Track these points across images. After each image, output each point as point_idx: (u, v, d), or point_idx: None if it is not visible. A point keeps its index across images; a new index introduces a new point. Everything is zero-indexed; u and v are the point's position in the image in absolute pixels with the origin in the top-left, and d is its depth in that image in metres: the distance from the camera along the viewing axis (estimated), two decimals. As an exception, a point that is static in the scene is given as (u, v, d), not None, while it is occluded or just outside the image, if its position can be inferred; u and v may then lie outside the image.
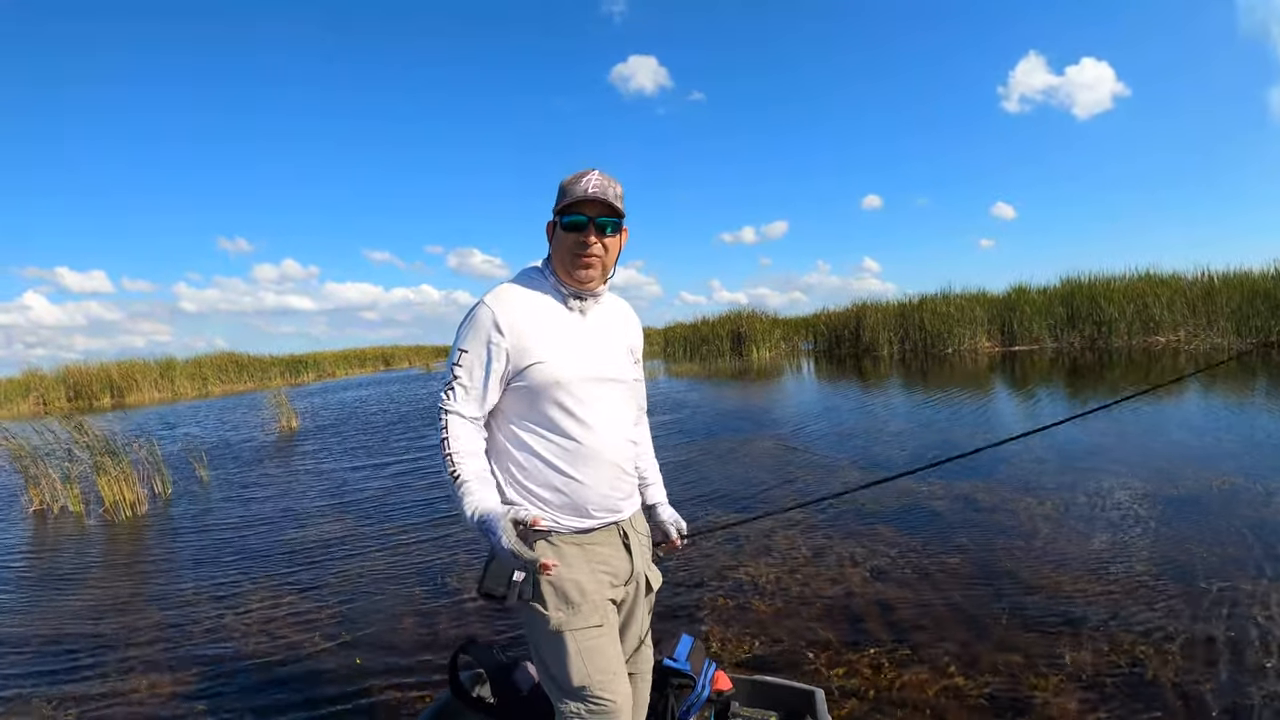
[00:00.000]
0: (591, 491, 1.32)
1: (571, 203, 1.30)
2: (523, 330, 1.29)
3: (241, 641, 3.04)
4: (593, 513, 1.34)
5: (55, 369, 22.81)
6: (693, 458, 6.33)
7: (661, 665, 1.80)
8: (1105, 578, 3.03)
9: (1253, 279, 15.35)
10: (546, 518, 1.29)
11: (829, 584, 3.20)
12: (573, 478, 1.31)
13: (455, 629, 3.01)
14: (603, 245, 1.33)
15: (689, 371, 17.60)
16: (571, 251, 1.32)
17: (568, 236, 1.32)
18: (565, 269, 1.35)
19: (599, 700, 1.29)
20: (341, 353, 35.76)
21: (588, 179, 1.30)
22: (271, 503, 5.86)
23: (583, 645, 1.28)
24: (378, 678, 2.62)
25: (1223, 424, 6.18)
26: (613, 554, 1.37)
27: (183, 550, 4.66)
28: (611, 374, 1.37)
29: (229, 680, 2.70)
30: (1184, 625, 2.55)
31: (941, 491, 4.56)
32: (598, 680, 1.28)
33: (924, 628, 2.70)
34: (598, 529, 1.35)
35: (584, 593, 1.30)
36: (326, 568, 4.00)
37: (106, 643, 3.16)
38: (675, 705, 1.79)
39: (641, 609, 1.48)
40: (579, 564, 1.31)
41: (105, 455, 6.10)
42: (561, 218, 1.32)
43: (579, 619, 1.28)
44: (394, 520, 4.92)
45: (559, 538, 1.32)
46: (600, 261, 1.34)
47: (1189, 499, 4.02)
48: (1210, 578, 2.93)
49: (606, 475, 1.34)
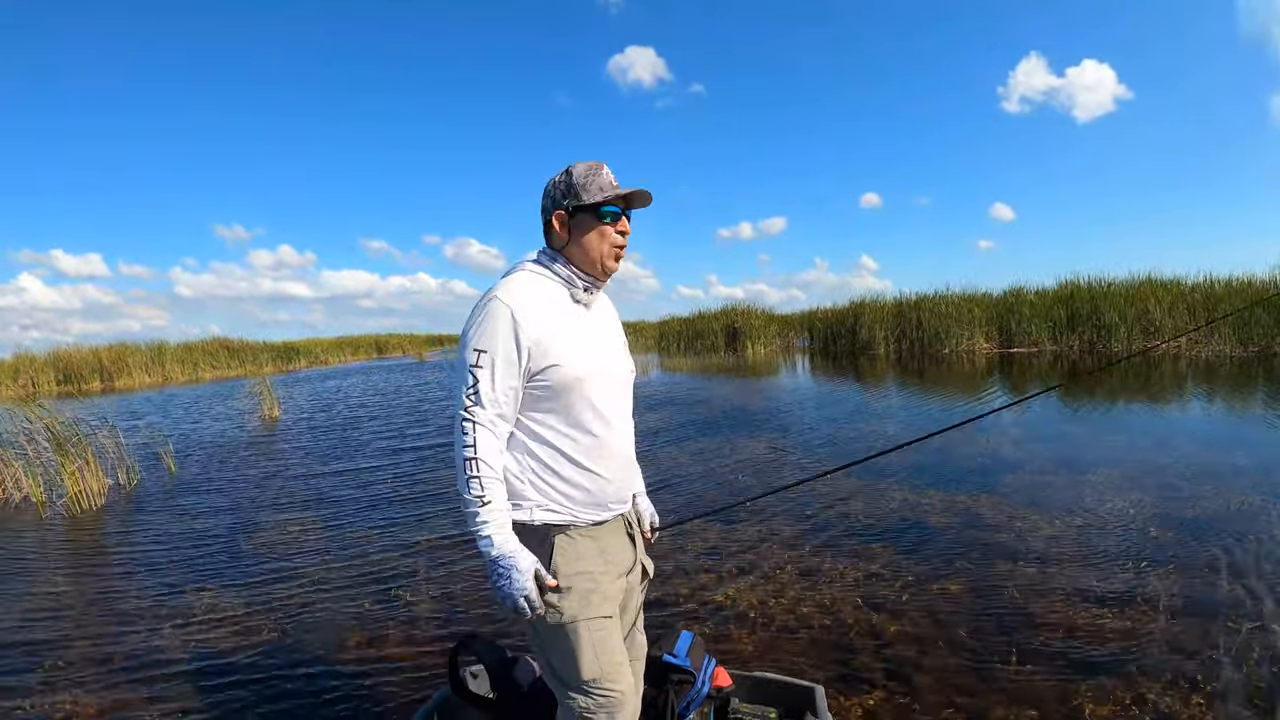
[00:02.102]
0: (611, 485, 1.35)
1: (613, 196, 1.31)
2: (541, 329, 1.27)
3: (179, 650, 2.74)
4: (610, 505, 1.36)
5: (45, 352, 22.28)
6: (658, 452, 6.04)
7: (661, 661, 1.81)
8: (1122, 612, 2.75)
9: (1255, 286, 15.20)
10: (566, 514, 1.31)
11: (818, 612, 2.91)
12: (596, 473, 1.32)
13: (448, 628, 2.74)
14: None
15: (681, 366, 17.29)
16: (613, 243, 1.33)
17: (608, 228, 1.33)
18: (595, 260, 1.34)
19: (608, 691, 1.29)
20: (335, 340, 35.40)
21: (607, 173, 1.33)
22: (237, 497, 5.53)
23: (595, 636, 1.28)
24: (364, 678, 2.34)
25: (1236, 437, 5.92)
26: (619, 544, 1.41)
27: (136, 547, 4.37)
28: (618, 368, 1.40)
29: (170, 692, 2.40)
30: (1209, 671, 2.27)
31: (941, 505, 4.27)
32: (607, 671, 1.29)
33: (923, 668, 2.41)
34: (609, 520, 1.38)
35: (597, 584, 1.31)
36: (286, 566, 3.73)
37: (37, 650, 2.92)
38: (675, 701, 1.78)
39: (637, 596, 1.52)
40: (591, 556, 1.33)
41: (68, 444, 5.86)
42: (600, 208, 1.31)
43: (591, 609, 1.29)
44: (359, 520, 4.62)
45: (576, 531, 1.32)
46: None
47: (1206, 521, 3.75)
48: (1237, 615, 2.66)
49: (622, 468, 1.38)
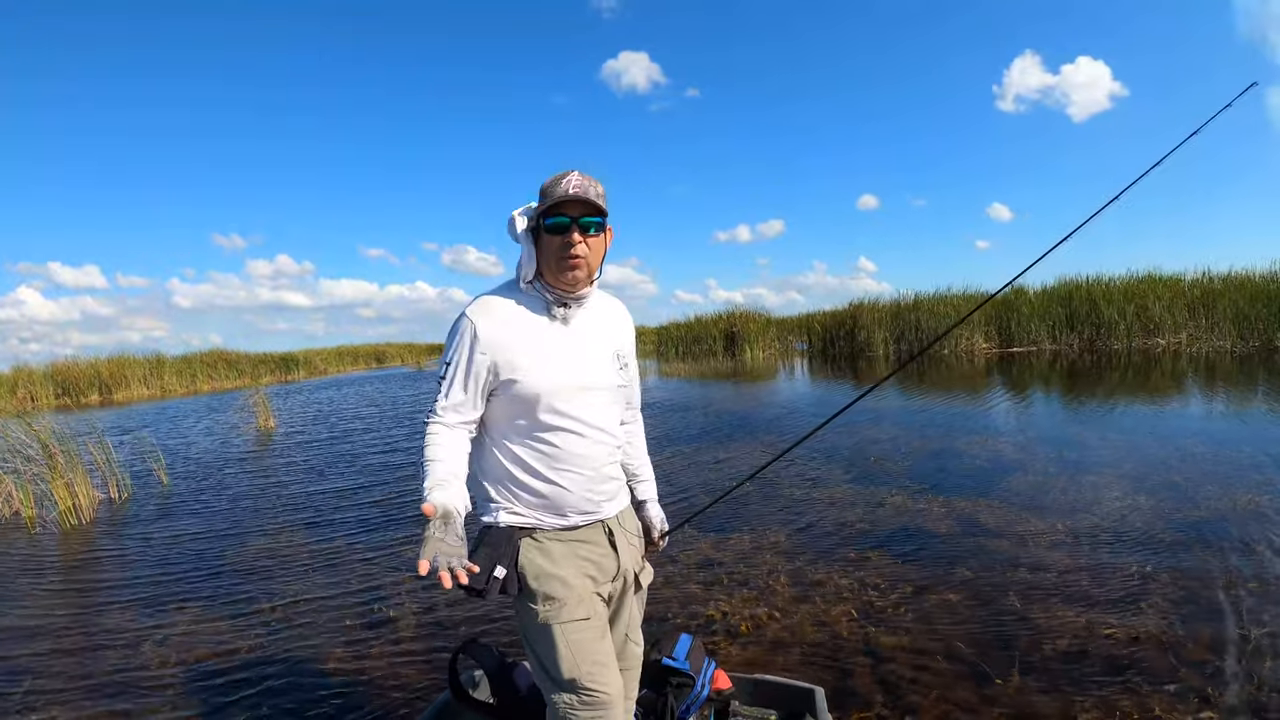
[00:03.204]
0: (570, 495, 1.34)
1: (553, 204, 1.28)
2: (503, 344, 1.29)
3: (159, 668, 2.63)
4: (570, 515, 1.35)
5: (44, 365, 22.18)
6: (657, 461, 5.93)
7: (660, 664, 1.80)
8: (1127, 621, 2.63)
9: (1254, 281, 15.14)
10: (530, 517, 1.34)
11: (811, 625, 2.79)
12: (553, 482, 1.33)
13: (440, 638, 2.63)
14: (587, 245, 1.31)
15: (678, 372, 17.18)
16: (557, 254, 1.30)
17: (553, 239, 1.30)
18: (552, 273, 1.32)
19: (590, 691, 1.28)
20: (334, 350, 35.35)
21: (568, 180, 1.29)
22: (227, 511, 5.43)
23: (571, 638, 1.28)
24: (352, 690, 2.21)
25: (1240, 435, 5.81)
26: (597, 551, 1.38)
27: (123, 563, 4.29)
28: (592, 382, 1.37)
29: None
30: (1219, 683, 2.16)
31: (940, 510, 4.16)
32: (587, 671, 1.28)
33: (922, 686, 2.29)
34: (582, 526, 1.37)
35: (569, 586, 1.31)
36: (273, 581, 3.65)
37: (16, 668, 2.83)
38: (675, 704, 1.76)
39: (629, 606, 1.49)
40: (564, 559, 1.33)
41: (59, 458, 5.75)
42: (545, 219, 1.30)
43: (565, 612, 1.29)
44: (347, 534, 4.50)
45: (543, 534, 1.34)
46: (585, 262, 1.32)
47: (1212, 523, 3.64)
48: (1248, 623, 2.55)
49: (585, 481, 1.35)
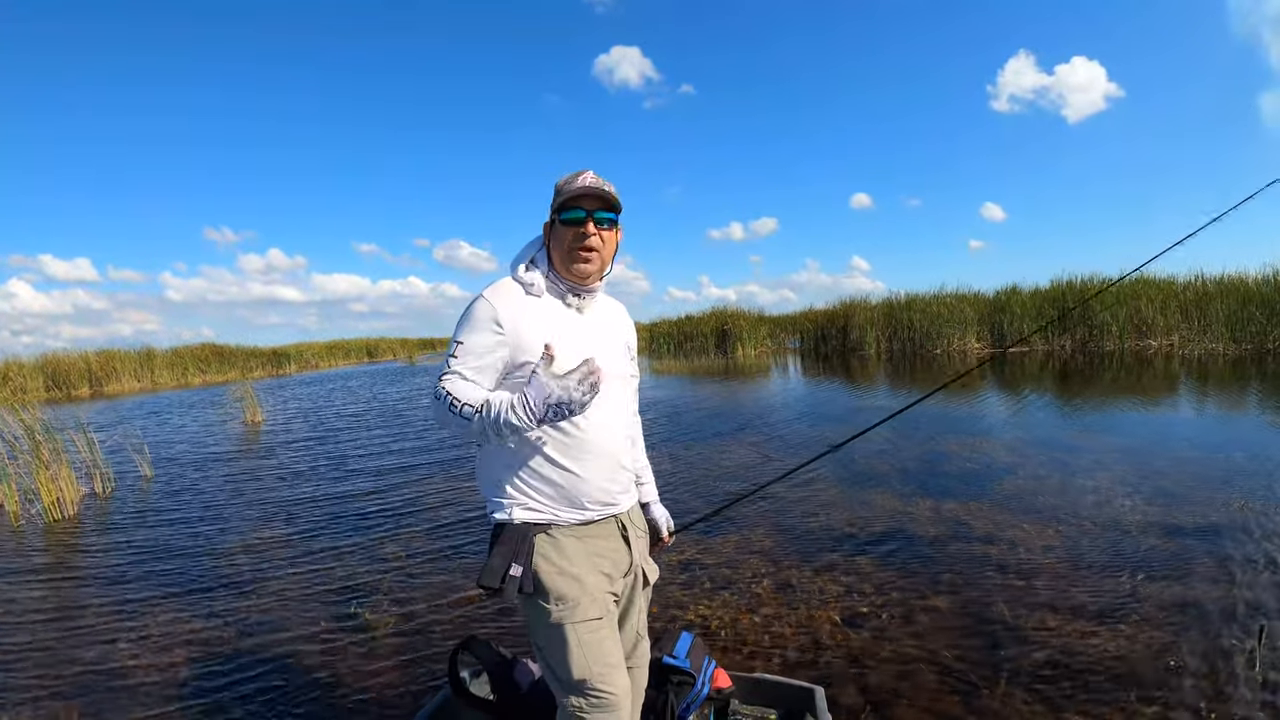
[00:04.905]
0: (588, 484, 1.33)
1: (570, 198, 1.31)
2: (521, 326, 1.28)
3: (133, 663, 2.51)
4: (588, 505, 1.34)
5: (34, 358, 21.90)
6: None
7: (661, 663, 1.79)
8: (1119, 629, 2.55)
9: (1247, 284, 15.13)
10: (546, 512, 1.31)
11: (793, 630, 2.70)
12: (570, 470, 1.31)
13: (453, 632, 2.56)
14: (600, 238, 1.33)
15: (670, 369, 17.09)
16: (571, 245, 1.32)
17: (567, 231, 1.32)
18: (564, 265, 1.34)
19: (599, 693, 1.27)
20: (326, 344, 35.11)
21: (584, 176, 1.33)
22: (210, 506, 5.29)
23: (583, 638, 1.27)
24: (342, 688, 2.11)
25: (1231, 439, 5.75)
26: (611, 546, 1.38)
27: (104, 558, 4.17)
28: (609, 367, 1.34)
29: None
30: (1214, 692, 2.08)
31: (929, 514, 4.08)
32: (598, 673, 1.27)
33: (904, 696, 2.20)
34: (597, 521, 1.36)
35: (583, 586, 1.30)
36: (255, 577, 3.56)
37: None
38: (675, 703, 1.75)
39: (638, 602, 1.49)
40: (578, 557, 1.32)
41: (44, 451, 5.64)
42: (560, 213, 1.32)
43: (579, 612, 1.28)
44: (331, 531, 4.39)
45: (558, 530, 1.33)
46: (598, 255, 1.34)
47: (1206, 528, 3.56)
48: (1242, 631, 2.47)
49: (603, 468, 1.35)
